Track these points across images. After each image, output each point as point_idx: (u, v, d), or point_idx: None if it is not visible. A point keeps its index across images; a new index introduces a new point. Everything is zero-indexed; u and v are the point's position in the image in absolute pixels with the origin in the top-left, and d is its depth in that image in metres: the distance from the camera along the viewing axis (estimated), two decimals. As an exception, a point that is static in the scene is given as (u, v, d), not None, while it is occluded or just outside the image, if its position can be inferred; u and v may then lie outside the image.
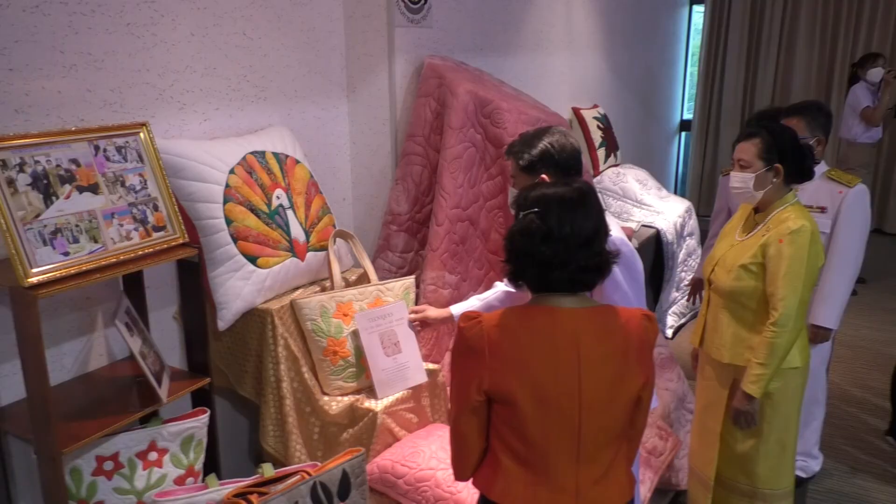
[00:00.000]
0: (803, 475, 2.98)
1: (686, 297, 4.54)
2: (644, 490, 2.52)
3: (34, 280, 1.61)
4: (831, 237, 2.64)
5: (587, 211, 1.47)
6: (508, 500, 1.47)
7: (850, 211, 2.62)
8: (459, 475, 1.57)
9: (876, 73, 5.14)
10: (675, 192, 6.69)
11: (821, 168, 2.70)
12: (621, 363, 1.46)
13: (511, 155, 2.06)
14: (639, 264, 2.03)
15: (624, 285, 1.97)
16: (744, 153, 2.21)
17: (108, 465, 1.92)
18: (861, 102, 5.19)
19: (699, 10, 6.81)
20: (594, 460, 1.47)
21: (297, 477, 1.86)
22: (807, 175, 2.23)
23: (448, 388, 2.56)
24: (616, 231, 1.98)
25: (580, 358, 1.43)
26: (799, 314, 2.14)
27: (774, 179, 2.19)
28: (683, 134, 7.19)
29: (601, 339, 1.45)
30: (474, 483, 1.55)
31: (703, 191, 7.08)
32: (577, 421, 1.43)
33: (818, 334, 2.66)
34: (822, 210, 2.64)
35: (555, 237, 1.43)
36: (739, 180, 2.22)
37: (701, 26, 6.84)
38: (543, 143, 2.00)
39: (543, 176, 1.98)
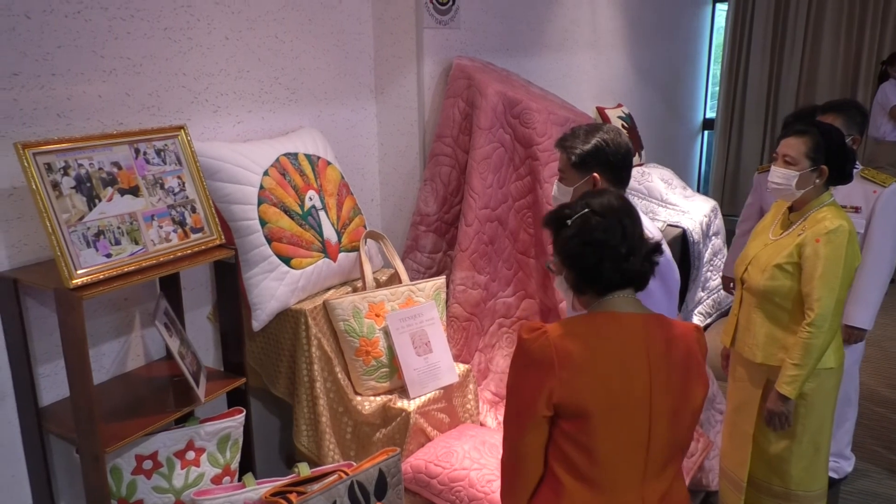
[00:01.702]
0: (836, 476, 2.95)
1: (711, 297, 4.51)
2: (676, 491, 2.51)
3: (79, 282, 1.64)
4: (865, 237, 2.62)
5: (631, 213, 1.49)
6: None
7: (884, 211, 2.59)
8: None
9: None
10: (699, 191, 6.64)
11: (855, 167, 2.67)
12: (685, 372, 1.44)
13: (563, 149, 1.99)
14: (675, 274, 1.97)
15: (656, 294, 1.90)
16: (792, 149, 2.16)
17: (148, 465, 1.94)
18: (890, 100, 5.11)
19: (722, 7, 6.75)
20: (659, 476, 1.44)
21: (335, 476, 1.87)
22: (846, 178, 2.19)
23: (484, 400, 2.54)
24: (655, 237, 1.94)
25: (650, 365, 1.40)
26: (835, 314, 2.11)
27: (817, 180, 2.16)
28: (706, 132, 7.14)
29: (667, 347, 1.43)
30: None
31: (726, 190, 7.01)
32: (648, 433, 1.40)
33: (852, 335, 2.63)
34: (857, 210, 2.62)
35: (627, 236, 1.44)
36: (782, 176, 2.17)
37: (724, 24, 6.78)
38: (597, 139, 1.93)
39: (595, 175, 1.93)
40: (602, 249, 1.43)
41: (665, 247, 1.94)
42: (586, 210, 1.45)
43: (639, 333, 1.42)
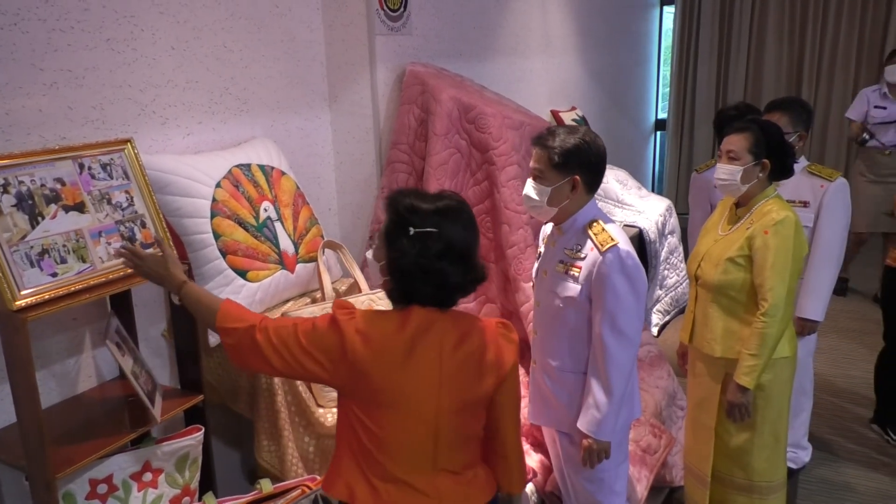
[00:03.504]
0: (794, 466, 3.01)
1: (668, 295, 4.58)
2: (641, 489, 2.53)
3: (22, 303, 1.58)
4: (814, 231, 2.68)
5: (472, 224, 1.51)
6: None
7: (831, 204, 2.66)
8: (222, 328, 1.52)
9: (891, 72, 4.48)
10: (653, 191, 6.75)
11: (801, 163, 2.74)
12: (478, 366, 1.49)
13: (543, 147, 1.93)
14: (643, 278, 1.97)
15: (627, 299, 1.92)
16: (734, 145, 2.24)
17: (102, 489, 1.88)
18: (850, 111, 4.79)
19: (670, 10, 6.89)
20: (452, 463, 1.51)
21: (298, 491, 1.84)
22: (787, 173, 2.28)
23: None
24: (624, 243, 1.94)
25: (441, 363, 1.46)
26: (787, 303, 2.18)
27: (760, 174, 2.23)
28: (659, 133, 7.27)
29: (460, 343, 1.48)
30: (331, 492, 1.55)
31: (680, 188, 7.15)
32: (435, 425, 1.46)
33: (805, 326, 2.69)
34: (805, 204, 2.68)
35: (455, 254, 1.45)
36: (727, 172, 2.24)
37: (672, 26, 6.93)
38: (579, 138, 1.91)
39: (577, 177, 1.92)
40: (434, 278, 1.45)
41: (632, 251, 1.93)
42: (434, 231, 1.44)
43: (434, 333, 1.46)
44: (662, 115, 7.21)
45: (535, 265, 2.21)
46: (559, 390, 2.10)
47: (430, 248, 1.42)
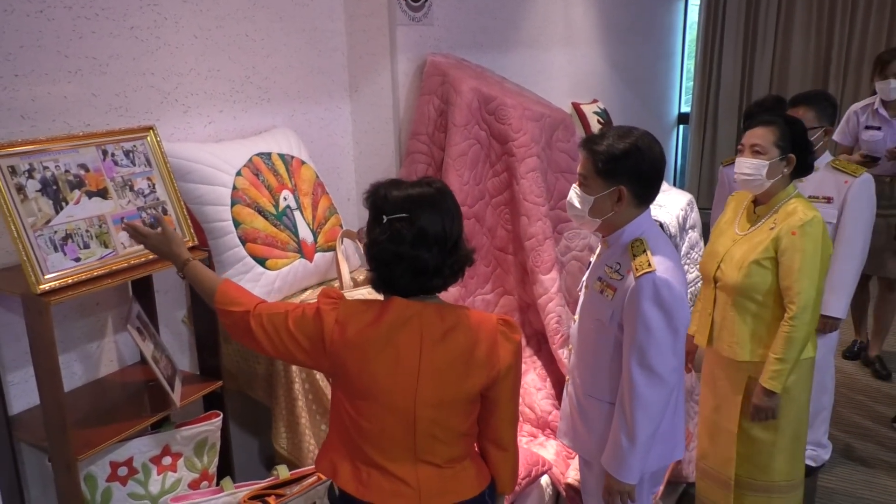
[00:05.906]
0: (814, 464, 2.99)
1: (688, 290, 4.54)
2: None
3: (46, 287, 1.61)
4: (837, 227, 2.64)
5: (450, 209, 1.48)
6: (347, 485, 1.51)
7: (855, 200, 2.61)
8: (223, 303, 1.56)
9: (885, 89, 3.54)
10: (675, 185, 6.68)
11: (825, 158, 2.70)
12: (464, 363, 1.47)
13: (588, 151, 1.77)
14: (683, 312, 1.76)
15: (660, 334, 1.73)
16: (760, 139, 2.15)
17: (123, 471, 1.91)
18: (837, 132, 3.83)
19: (694, 2, 6.81)
20: (434, 455, 1.50)
21: (314, 478, 1.86)
22: (808, 170, 2.21)
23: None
24: (664, 271, 1.73)
25: (421, 356, 1.45)
26: (815, 306, 2.10)
27: (785, 170, 2.16)
28: (681, 127, 7.20)
29: (445, 337, 1.46)
30: (318, 467, 1.59)
31: (702, 183, 7.08)
32: (413, 417, 1.46)
33: (827, 324, 2.66)
34: (828, 200, 2.64)
35: (429, 239, 1.43)
36: (752, 167, 2.14)
37: (696, 19, 6.84)
38: (629, 143, 1.73)
39: (622, 188, 1.75)
40: (409, 264, 1.44)
41: (673, 280, 1.75)
42: (404, 216, 1.43)
43: (412, 322, 1.45)
44: (685, 108, 7.14)
45: (585, 276, 2.05)
46: (582, 412, 1.98)
47: (404, 234, 1.42)
